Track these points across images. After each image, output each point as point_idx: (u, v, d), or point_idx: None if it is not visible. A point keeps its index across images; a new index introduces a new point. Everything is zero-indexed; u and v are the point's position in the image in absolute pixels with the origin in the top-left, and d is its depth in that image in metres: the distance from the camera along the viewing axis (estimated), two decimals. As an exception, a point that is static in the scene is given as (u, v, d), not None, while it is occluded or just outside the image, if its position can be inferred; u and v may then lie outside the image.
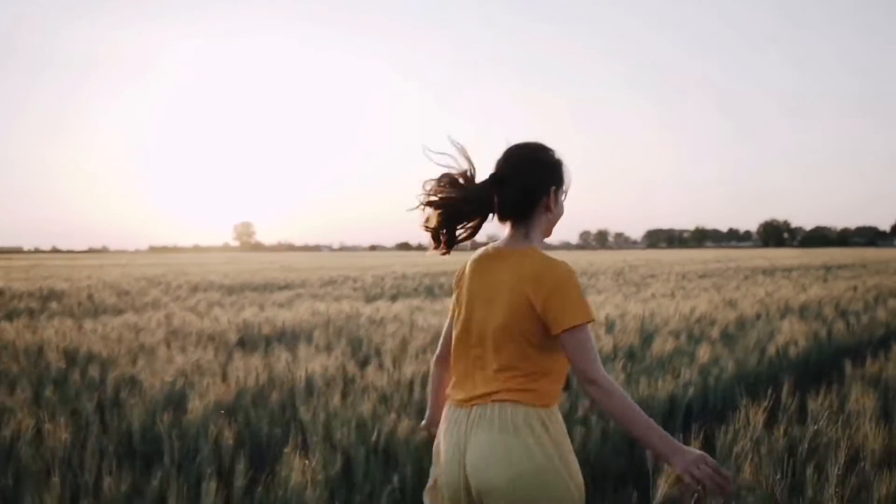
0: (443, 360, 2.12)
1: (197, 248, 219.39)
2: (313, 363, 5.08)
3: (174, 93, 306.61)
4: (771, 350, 5.50)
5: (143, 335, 6.92)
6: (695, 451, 1.71)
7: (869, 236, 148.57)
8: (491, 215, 1.94)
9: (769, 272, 16.39)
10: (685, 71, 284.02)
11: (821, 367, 5.70)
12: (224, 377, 4.88)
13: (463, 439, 1.87)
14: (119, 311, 10.35)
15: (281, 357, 5.36)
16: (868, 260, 24.05)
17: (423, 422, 2.22)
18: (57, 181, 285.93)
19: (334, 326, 7.52)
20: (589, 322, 1.81)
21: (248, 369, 4.95)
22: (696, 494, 1.86)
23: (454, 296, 2.06)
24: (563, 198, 1.96)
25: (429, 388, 2.26)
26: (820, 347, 5.96)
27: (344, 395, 4.24)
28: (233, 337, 6.96)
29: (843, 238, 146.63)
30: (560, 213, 1.97)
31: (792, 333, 5.95)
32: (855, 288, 10.64)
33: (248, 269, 24.33)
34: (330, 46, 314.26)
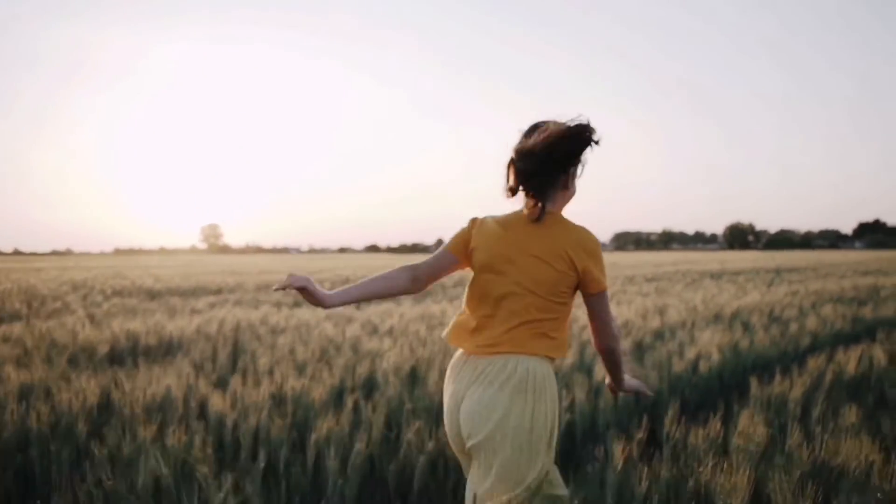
0: (414, 280, 2.22)
1: (163, 251, 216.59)
2: (159, 384, 4.44)
3: (145, 95, 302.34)
4: (679, 366, 4.96)
5: (6, 348, 6.22)
6: (632, 381, 2.37)
7: (831, 239, 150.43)
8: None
9: (717, 276, 15.88)
10: (667, 73, 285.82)
11: (733, 383, 5.19)
12: (48, 400, 4.23)
13: (462, 391, 2.07)
14: (15, 319, 9.59)
15: (136, 375, 4.74)
16: (823, 263, 23.69)
17: (328, 292, 2.15)
18: (26, 182, 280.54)
19: (224, 337, 6.88)
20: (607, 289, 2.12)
21: (81, 391, 4.31)
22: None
23: (459, 237, 2.21)
24: (577, 179, 2.13)
25: (379, 275, 2.22)
26: (737, 360, 5.44)
27: (162, 426, 3.61)
28: (103, 350, 6.28)
29: (807, 241, 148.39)
30: (573, 193, 2.14)
31: (708, 345, 5.42)
32: (795, 293, 10.22)
33: (191, 272, 23.45)
34: (300, 49, 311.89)
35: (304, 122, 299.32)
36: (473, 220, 2.22)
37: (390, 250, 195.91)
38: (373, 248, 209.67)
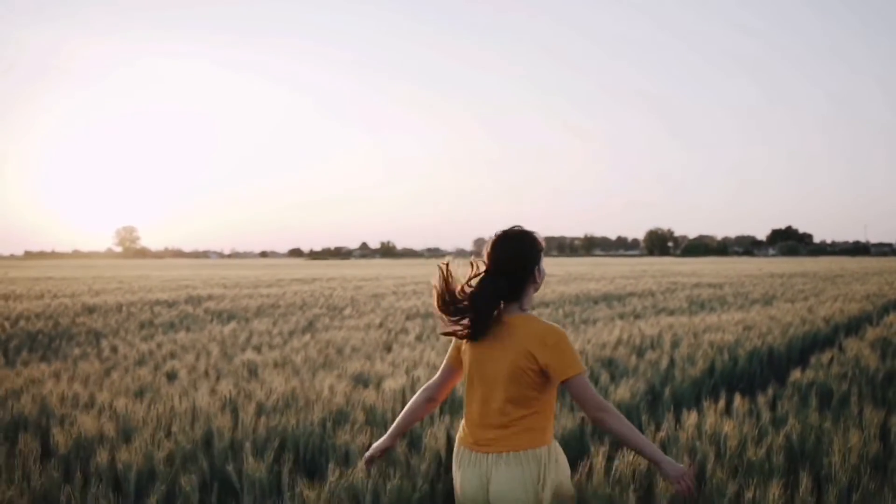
0: (430, 400, 2.63)
1: (77, 254, 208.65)
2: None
3: (57, 95, 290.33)
4: None
5: None
6: (679, 464, 2.43)
7: (746, 245, 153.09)
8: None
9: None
10: (623, 81, 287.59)
11: None
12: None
13: (485, 476, 2.36)
14: None
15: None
16: (679, 282, 21.12)
17: (384, 441, 2.69)
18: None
19: None
20: (583, 372, 2.35)
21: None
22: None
23: (452, 348, 2.58)
24: (542, 265, 2.47)
25: (405, 410, 2.67)
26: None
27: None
28: None
29: (723, 246, 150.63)
30: (543, 277, 2.50)
31: None
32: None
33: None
34: (219, 53, 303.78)
35: (224, 126, 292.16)
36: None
37: (313, 254, 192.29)
38: (296, 252, 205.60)
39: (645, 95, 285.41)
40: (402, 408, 2.92)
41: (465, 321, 2.38)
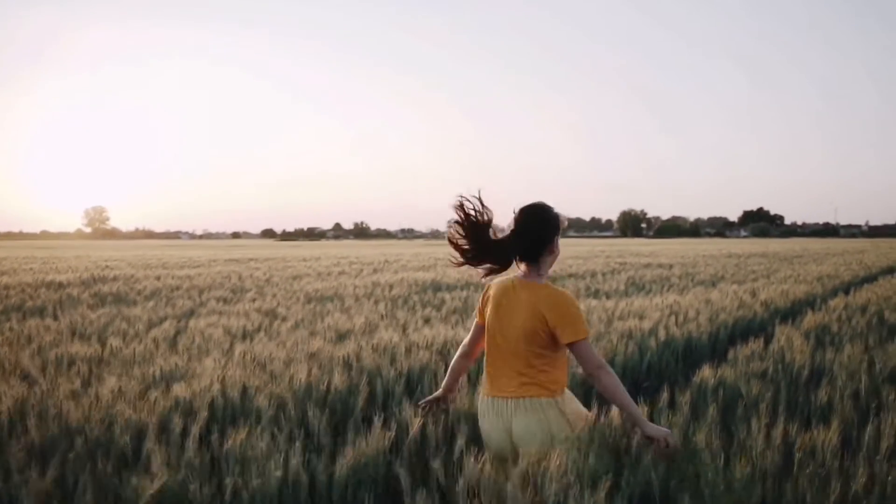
0: (466, 356, 3.02)
1: (45, 234, 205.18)
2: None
3: (27, 75, 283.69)
4: None
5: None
6: (662, 427, 2.72)
7: (718, 226, 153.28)
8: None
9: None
10: (602, 65, 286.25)
11: None
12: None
13: (508, 422, 2.67)
14: None
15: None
16: (629, 263, 20.02)
17: (439, 392, 3.16)
18: None
19: None
20: (586, 337, 2.62)
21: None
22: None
23: (478, 308, 2.91)
24: (559, 240, 2.76)
25: (449, 369, 3.10)
26: None
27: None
28: None
29: (696, 228, 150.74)
30: (558, 253, 2.79)
31: None
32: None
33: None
34: (189, 35, 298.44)
35: (199, 107, 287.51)
36: (486, 289, 2.86)
37: (285, 235, 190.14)
38: (268, 233, 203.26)
39: (623, 77, 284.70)
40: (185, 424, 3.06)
41: (485, 265, 2.72)
